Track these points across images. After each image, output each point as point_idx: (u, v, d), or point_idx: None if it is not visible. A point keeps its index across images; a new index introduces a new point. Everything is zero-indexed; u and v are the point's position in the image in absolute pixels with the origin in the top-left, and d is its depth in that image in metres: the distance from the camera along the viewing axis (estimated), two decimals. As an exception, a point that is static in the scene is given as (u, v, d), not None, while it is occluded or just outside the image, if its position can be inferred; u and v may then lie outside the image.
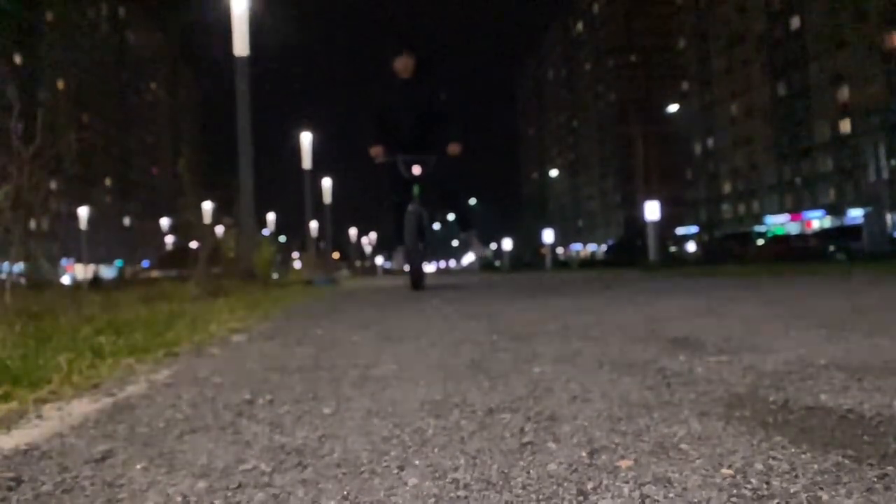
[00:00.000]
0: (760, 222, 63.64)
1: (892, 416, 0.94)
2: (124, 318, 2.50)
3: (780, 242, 31.58)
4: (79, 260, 59.60)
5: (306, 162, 27.39)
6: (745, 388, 1.16)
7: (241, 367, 1.63)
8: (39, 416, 1.14)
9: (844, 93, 56.91)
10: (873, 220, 28.88)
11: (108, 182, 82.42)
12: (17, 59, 65.97)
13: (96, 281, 19.70)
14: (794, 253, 26.84)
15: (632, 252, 34.41)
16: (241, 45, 11.87)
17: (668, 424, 0.94)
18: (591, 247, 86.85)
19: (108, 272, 56.88)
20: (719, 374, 1.30)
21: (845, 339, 1.72)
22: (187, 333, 2.24)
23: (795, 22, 63.66)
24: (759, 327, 2.02)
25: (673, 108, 53.97)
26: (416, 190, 5.87)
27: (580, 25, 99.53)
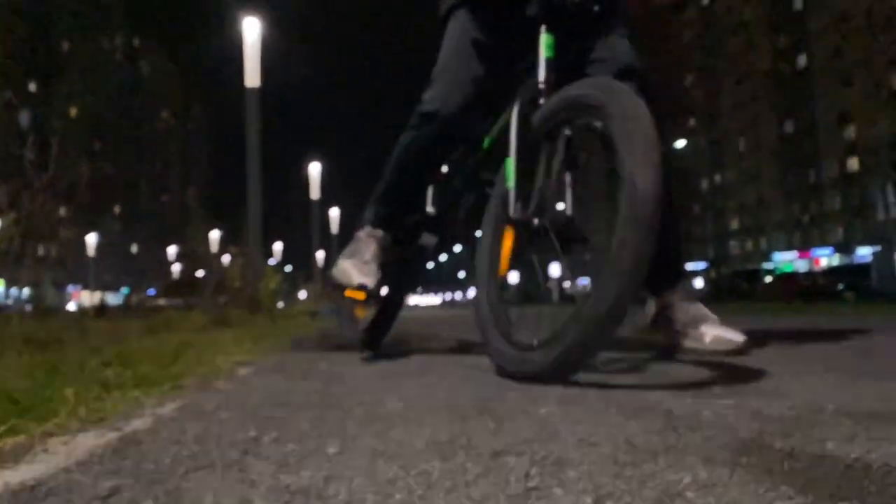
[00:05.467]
0: (769, 259, 63.49)
1: (899, 467, 0.93)
2: (131, 349, 2.51)
3: (789, 280, 31.51)
4: (85, 287, 59.84)
5: (314, 192, 27.53)
6: (752, 433, 1.16)
7: (246, 401, 1.64)
8: (45, 451, 1.15)
9: (851, 131, 57.09)
10: (882, 260, 28.83)
11: (116, 209, 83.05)
12: (32, 87, 66.98)
13: (102, 308, 19.77)
14: (802, 291, 26.75)
15: (640, 288, 34.30)
16: (252, 76, 12.06)
17: (674, 471, 0.94)
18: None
19: (114, 299, 57.07)
20: (725, 418, 1.29)
21: (853, 383, 1.71)
22: (193, 366, 2.25)
23: (802, 60, 64.08)
24: (767, 369, 2.01)
25: (680, 143, 54.34)
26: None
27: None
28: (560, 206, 1.90)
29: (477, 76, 2.28)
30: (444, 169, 2.67)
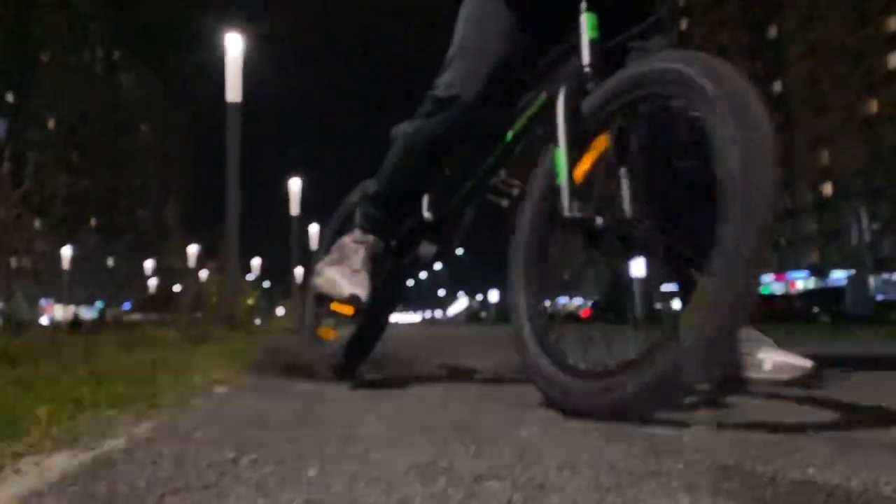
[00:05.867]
0: (744, 281, 63.91)
1: (879, 494, 0.94)
2: (106, 366, 2.47)
3: (766, 302, 31.93)
4: (59, 300, 58.92)
5: (294, 208, 27.40)
6: (734, 459, 1.16)
7: (223, 421, 1.61)
8: (17, 472, 1.12)
9: (825, 157, 58.08)
10: (856, 283, 29.25)
11: (93, 222, 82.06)
12: (10, 98, 66.30)
13: (76, 323, 19.49)
14: (779, 313, 27.09)
15: (618, 308, 34.51)
16: (233, 90, 12.02)
17: (657, 497, 0.93)
18: (577, 300, 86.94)
19: (88, 313, 56.34)
20: (707, 442, 1.29)
21: (831, 408, 1.72)
22: (169, 383, 2.21)
23: (777, 86, 65.17)
24: (747, 392, 2.02)
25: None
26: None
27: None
28: (621, 203, 1.66)
29: (501, 60, 2.00)
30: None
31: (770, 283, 59.55)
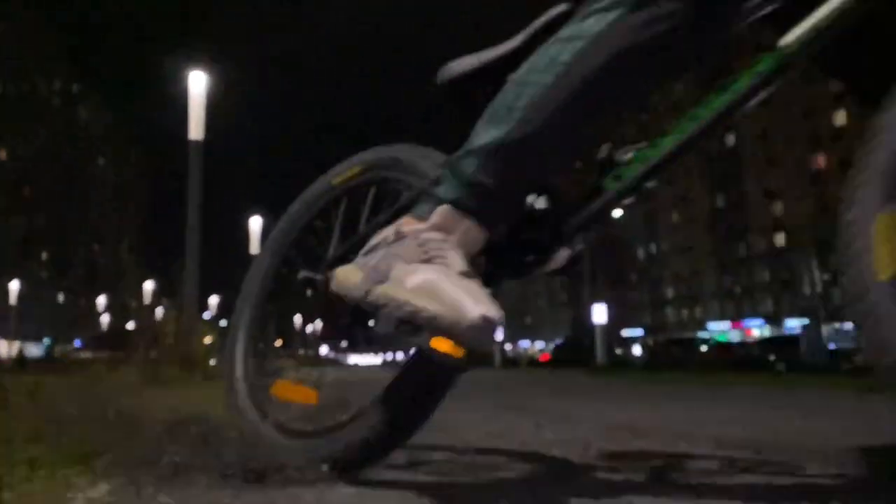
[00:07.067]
0: (703, 328, 65.12)
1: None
2: (59, 416, 2.35)
3: (724, 350, 32.65)
4: (4, 336, 57.02)
5: (255, 246, 27.22)
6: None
7: (189, 480, 1.53)
8: (-35, 544, 1.04)
9: (778, 208, 59.91)
10: (811, 332, 29.92)
11: (44, 256, 79.98)
12: (-36, 128, 65.02)
13: (22, 360, 18.85)
14: (737, 361, 27.65)
15: (579, 352, 34.72)
16: (196, 128, 11.91)
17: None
18: (539, 344, 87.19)
19: (35, 350, 54.58)
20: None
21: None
22: (128, 435, 2.11)
23: (731, 139, 67.30)
24: (727, 449, 2.00)
25: (617, 213, 55.82)
26: None
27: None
28: None
29: None
30: None
31: (727, 331, 60.56)
